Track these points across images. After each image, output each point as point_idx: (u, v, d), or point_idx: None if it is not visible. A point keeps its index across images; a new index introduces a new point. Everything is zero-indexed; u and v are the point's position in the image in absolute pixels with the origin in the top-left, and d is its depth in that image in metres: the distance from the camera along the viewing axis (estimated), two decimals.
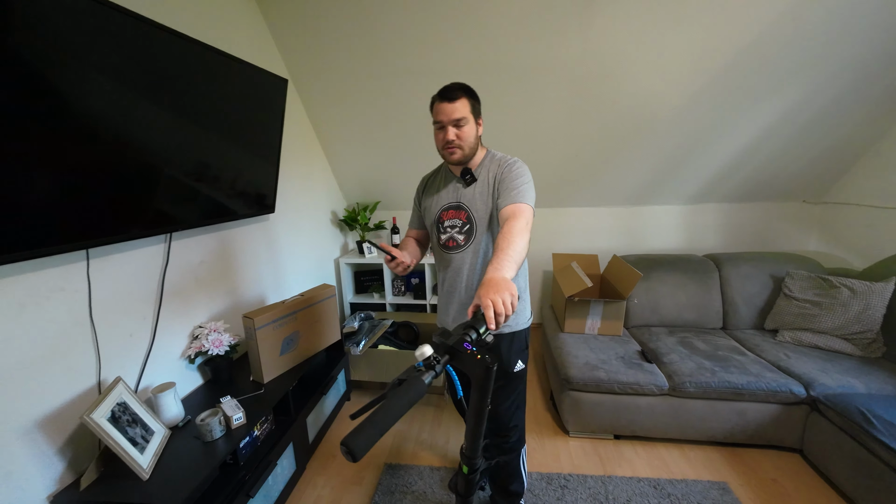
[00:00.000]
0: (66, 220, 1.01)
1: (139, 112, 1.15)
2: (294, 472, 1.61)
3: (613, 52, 1.88)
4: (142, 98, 1.14)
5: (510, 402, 1.30)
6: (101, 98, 1.03)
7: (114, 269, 1.23)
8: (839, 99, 2.03)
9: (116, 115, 1.08)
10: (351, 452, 0.48)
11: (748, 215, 2.74)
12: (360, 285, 3.08)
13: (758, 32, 1.74)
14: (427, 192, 1.35)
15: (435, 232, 1.30)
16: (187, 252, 1.53)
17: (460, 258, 1.24)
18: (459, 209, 1.24)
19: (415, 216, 1.43)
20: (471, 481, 0.77)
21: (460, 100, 1.14)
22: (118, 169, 1.12)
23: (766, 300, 2.18)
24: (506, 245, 0.98)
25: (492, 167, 1.21)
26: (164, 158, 1.26)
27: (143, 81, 1.14)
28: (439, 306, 1.39)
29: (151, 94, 1.17)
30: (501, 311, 0.74)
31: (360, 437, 0.49)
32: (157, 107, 1.20)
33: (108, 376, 1.21)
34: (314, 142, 2.51)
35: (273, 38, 1.97)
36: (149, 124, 1.19)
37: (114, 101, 1.07)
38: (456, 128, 1.15)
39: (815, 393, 1.62)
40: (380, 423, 0.52)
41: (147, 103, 1.16)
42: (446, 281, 1.30)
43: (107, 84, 1.04)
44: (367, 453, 0.50)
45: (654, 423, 1.78)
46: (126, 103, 1.10)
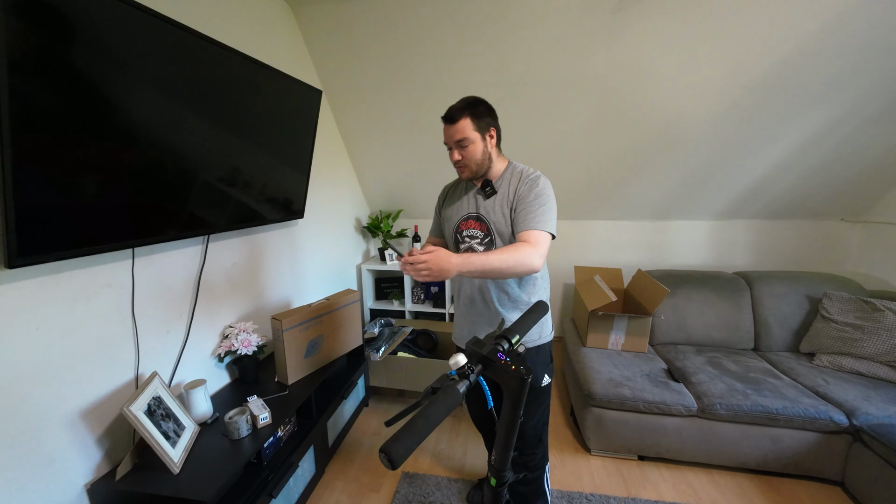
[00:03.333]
0: (114, 220, 1.07)
1: (180, 119, 1.19)
2: (314, 475, 1.62)
3: (641, 65, 1.87)
4: (183, 106, 1.19)
5: (537, 417, 1.28)
6: (146, 105, 1.08)
7: (156, 268, 1.29)
8: (882, 113, 1.95)
9: (159, 122, 1.13)
10: (391, 460, 0.49)
11: (781, 233, 2.64)
12: (381, 292, 3.11)
13: (794, 46, 1.70)
14: (448, 201, 1.37)
15: (453, 242, 1.31)
16: (222, 254, 1.59)
17: None
18: (479, 220, 1.24)
19: (435, 224, 1.46)
20: (498, 494, 0.77)
21: (462, 120, 1.15)
22: (161, 173, 1.17)
23: (802, 322, 2.09)
24: (494, 256, 1.02)
25: (513, 180, 1.21)
26: (203, 164, 1.32)
27: (185, 90, 1.19)
28: (456, 317, 1.39)
29: (193, 102, 1.22)
30: (416, 273, 0.96)
31: (399, 445, 0.50)
32: (198, 115, 1.25)
33: (145, 371, 1.26)
34: (342, 150, 2.58)
35: (308, 50, 2.06)
36: (190, 131, 1.24)
37: (157, 109, 1.11)
38: (460, 148, 1.17)
39: (858, 422, 1.53)
40: (418, 430, 0.52)
41: (188, 111, 1.21)
42: (463, 293, 1.31)
43: (151, 92, 1.09)
44: (405, 461, 0.50)
45: (682, 446, 1.71)
46: (169, 111, 1.15)
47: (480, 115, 1.16)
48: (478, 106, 1.17)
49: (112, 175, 1.04)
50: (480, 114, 1.16)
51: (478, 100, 1.19)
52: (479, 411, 1.52)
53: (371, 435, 2.03)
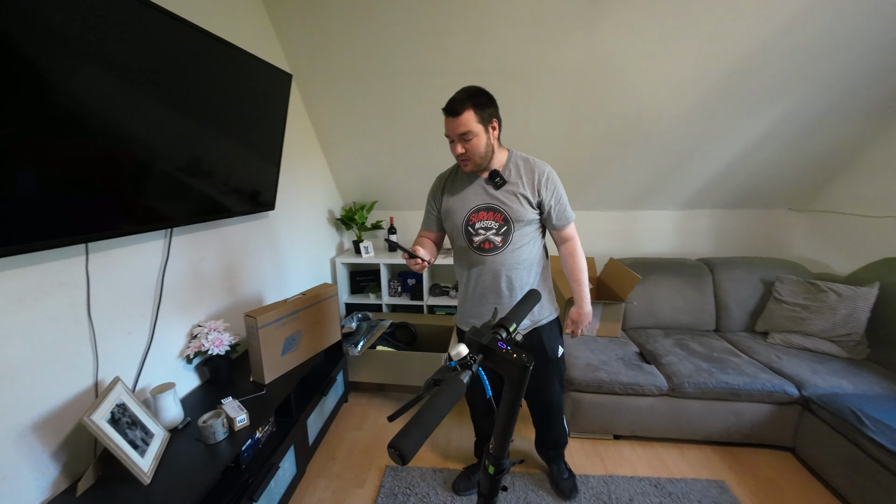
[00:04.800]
0: (61, 213, 0.96)
1: (131, 103, 1.08)
2: (295, 474, 1.57)
3: (616, 58, 1.91)
4: (135, 88, 1.07)
5: (558, 385, 1.47)
6: (90, 87, 0.96)
7: (113, 265, 1.18)
8: (828, 111, 2.11)
9: (106, 106, 1.01)
10: (401, 454, 0.47)
11: (738, 221, 2.82)
12: (356, 285, 3.04)
13: (756, 44, 1.80)
14: (448, 192, 1.34)
15: (463, 234, 1.30)
16: (187, 249, 1.48)
17: (499, 260, 1.26)
18: (493, 210, 1.25)
19: (430, 218, 1.40)
20: (496, 482, 0.77)
21: (465, 113, 1.14)
22: (111, 162, 1.06)
23: (757, 303, 2.25)
24: (583, 277, 1.38)
25: (522, 170, 1.25)
26: (159, 152, 1.20)
27: (135, 69, 1.06)
28: (466, 307, 1.39)
29: (146, 83, 1.10)
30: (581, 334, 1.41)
31: (408, 439, 0.48)
32: (152, 98, 1.13)
33: (106, 376, 1.16)
34: (313, 139, 2.48)
35: (275, 31, 1.94)
36: (143, 116, 1.12)
37: (103, 91, 1.00)
38: (463, 142, 1.16)
39: (807, 393, 1.68)
40: (426, 423, 0.51)
41: (140, 94, 1.09)
42: (479, 283, 1.31)
43: (95, 71, 0.97)
44: (414, 455, 0.48)
45: (654, 424, 1.81)
46: (118, 93, 1.03)
47: (483, 105, 1.15)
48: (479, 96, 1.15)
49: (54, 164, 0.93)
50: (482, 105, 1.15)
51: (479, 90, 1.17)
52: (477, 401, 1.54)
53: (352, 430, 2.00)
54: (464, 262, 1.35)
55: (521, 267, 1.29)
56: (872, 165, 2.31)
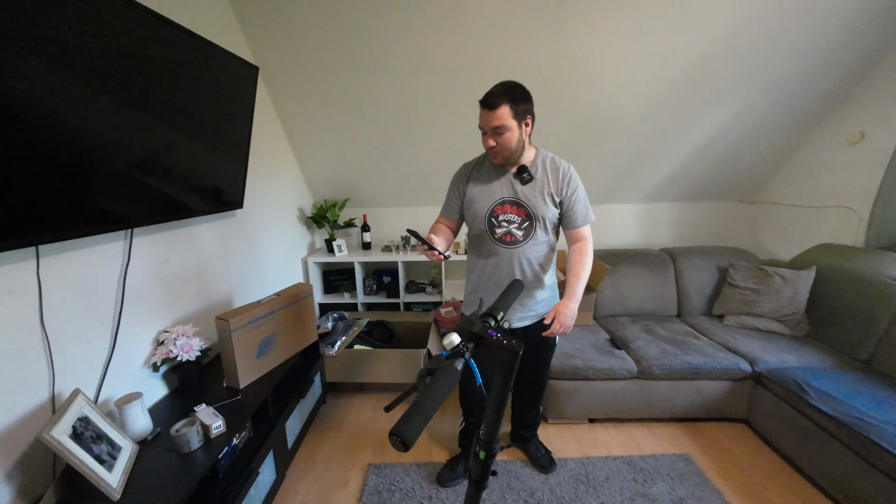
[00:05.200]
0: (5, 213, 0.87)
1: (78, 95, 0.98)
2: (274, 480, 1.53)
3: (583, 58, 1.98)
4: (81, 79, 0.98)
5: (548, 364, 1.60)
6: (29, 77, 0.87)
7: (68, 269, 1.10)
8: (768, 112, 2.30)
9: (49, 98, 0.92)
10: (403, 441, 0.48)
11: (695, 213, 3.02)
12: (330, 285, 2.98)
13: (708, 47, 1.93)
14: (474, 181, 1.36)
15: (486, 224, 1.33)
16: (150, 250, 1.39)
17: (517, 253, 1.31)
18: (517, 205, 1.29)
19: (452, 205, 1.43)
20: (487, 466, 0.79)
21: (501, 107, 1.15)
22: (57, 159, 0.97)
23: (714, 289, 2.43)
24: (583, 274, 1.30)
25: (549, 168, 1.29)
26: (111, 149, 1.11)
27: (82, 58, 0.97)
28: (477, 294, 1.42)
29: (95, 74, 1.01)
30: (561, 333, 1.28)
31: (409, 425, 0.49)
32: (102, 90, 1.04)
33: (64, 389, 1.07)
34: (280, 135, 2.39)
35: (238, 22, 1.85)
36: (92, 110, 1.03)
37: (45, 81, 0.90)
38: (496, 135, 1.19)
39: (759, 368, 1.83)
40: (425, 410, 0.52)
41: (88, 86, 1.00)
42: (495, 273, 1.36)
43: (34, 60, 0.87)
44: (416, 440, 0.49)
45: (625, 405, 1.91)
46: (62, 84, 0.94)
47: (519, 101, 1.17)
48: (517, 91, 1.17)
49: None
50: (519, 100, 1.17)
51: (517, 85, 1.19)
52: (467, 388, 1.56)
53: (332, 431, 1.97)
54: (480, 252, 1.39)
55: (536, 261, 1.34)
56: (808, 161, 2.54)
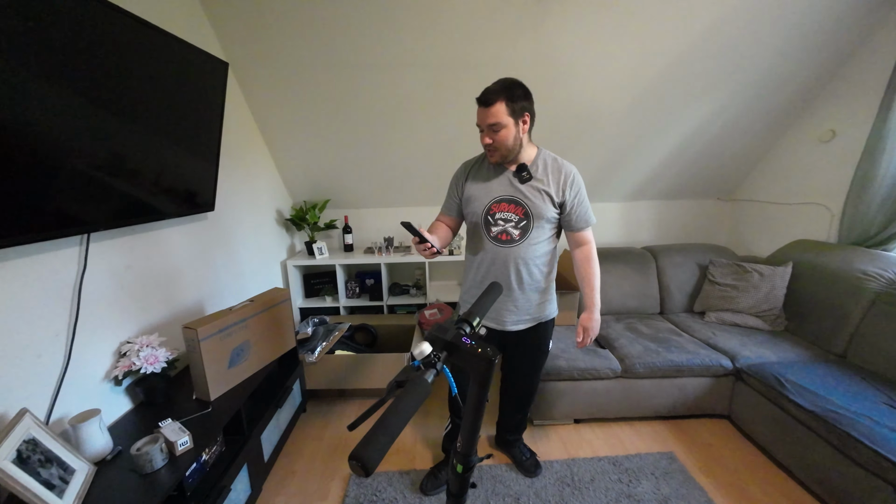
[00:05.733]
0: None
1: (32, 91, 0.93)
2: (249, 495, 1.46)
3: (562, 56, 1.97)
4: (36, 74, 0.93)
5: (539, 373, 1.57)
6: None
7: (13, 278, 1.01)
8: (744, 111, 2.34)
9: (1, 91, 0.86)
10: (364, 466, 0.43)
11: (674, 211, 3.06)
12: (311, 289, 2.90)
13: (684, 47, 1.94)
14: (473, 179, 1.34)
15: (482, 223, 1.31)
16: (110, 256, 1.31)
17: (514, 252, 1.29)
18: (515, 203, 1.26)
19: (451, 203, 1.41)
20: (465, 479, 0.75)
21: (497, 104, 1.14)
22: (9, 157, 0.90)
23: (694, 286, 2.45)
24: (597, 282, 1.35)
25: (550, 168, 1.27)
26: (70, 149, 1.05)
27: (37, 52, 0.92)
28: (472, 293, 1.39)
29: (52, 69, 0.96)
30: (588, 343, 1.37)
31: (370, 448, 0.45)
32: (60, 87, 0.99)
33: (9, 409, 0.99)
34: (255, 134, 2.31)
35: (207, 16, 1.77)
36: (49, 108, 0.97)
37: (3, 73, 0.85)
38: (492, 132, 1.18)
39: (739, 364, 1.85)
40: (389, 429, 0.47)
41: (43, 81, 0.95)
42: (490, 272, 1.33)
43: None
44: (378, 465, 0.45)
45: (609, 405, 1.91)
46: (11, 78, 0.88)
47: (516, 98, 1.15)
48: (515, 89, 1.16)
49: None
50: (517, 97, 1.15)
51: (515, 82, 1.18)
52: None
53: (312, 441, 1.90)
54: (477, 249, 1.37)
55: (533, 263, 1.31)
56: (781, 160, 2.60)
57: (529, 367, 1.53)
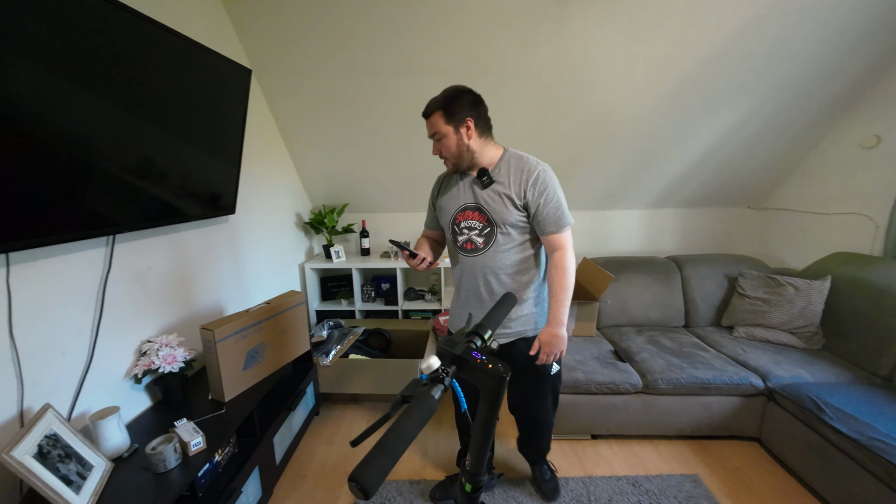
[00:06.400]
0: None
1: (68, 99, 0.98)
2: (260, 498, 1.46)
3: (582, 60, 1.92)
4: (73, 82, 0.98)
5: (551, 403, 1.40)
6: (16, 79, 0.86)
7: (42, 277, 1.05)
8: (778, 115, 2.22)
9: (37, 101, 0.91)
10: (363, 489, 0.41)
11: (701, 220, 2.93)
12: (327, 292, 2.93)
13: (712, 49, 1.86)
14: (442, 190, 1.33)
15: (451, 233, 1.29)
16: (133, 257, 1.35)
17: (480, 261, 1.24)
18: (478, 210, 1.22)
19: (430, 216, 1.42)
20: (474, 500, 0.72)
21: (433, 115, 1.17)
22: (43, 162, 0.95)
23: (722, 298, 2.33)
24: (562, 294, 1.17)
25: (513, 169, 1.20)
26: (103, 152, 1.10)
27: (73, 61, 0.97)
28: (452, 309, 1.38)
29: (86, 78, 1.01)
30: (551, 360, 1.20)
31: (370, 470, 0.43)
32: (94, 93, 1.04)
33: (34, 404, 1.02)
34: (277, 139, 2.36)
35: (233, 24, 1.82)
36: (83, 114, 1.02)
37: (33, 84, 0.89)
38: (436, 141, 1.20)
39: (771, 384, 1.74)
40: (391, 450, 0.45)
41: (79, 88, 1.00)
42: (463, 284, 1.30)
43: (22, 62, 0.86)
44: (379, 487, 0.43)
45: (629, 421, 1.82)
46: (51, 87, 0.93)
47: (454, 109, 1.15)
48: (453, 100, 1.15)
49: None
50: (454, 109, 1.15)
51: (457, 91, 1.17)
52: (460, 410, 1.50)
53: (324, 445, 1.90)
54: (454, 262, 1.35)
55: (503, 272, 1.23)
56: (820, 166, 2.45)
57: (530, 388, 1.37)
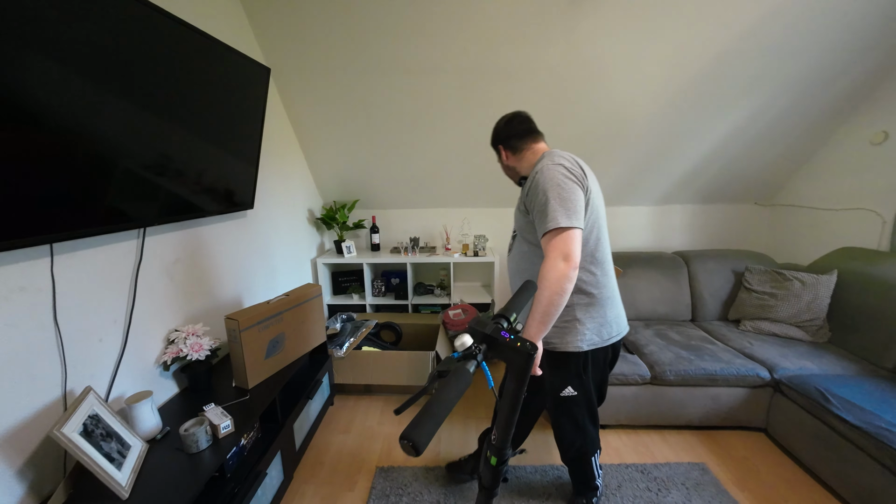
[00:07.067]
0: (23, 210, 0.89)
1: (90, 98, 1.00)
2: (282, 481, 1.52)
3: (594, 59, 1.95)
4: (95, 82, 0.99)
5: (563, 422, 1.34)
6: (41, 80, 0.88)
7: (81, 267, 1.11)
8: (787, 112, 2.24)
9: (59, 102, 0.93)
10: (414, 445, 0.46)
11: (709, 216, 2.95)
12: (338, 286, 2.98)
13: (722, 46, 1.89)
14: None
15: None
16: (162, 250, 1.40)
17: (508, 264, 1.40)
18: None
19: None
20: (498, 473, 0.77)
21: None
22: (70, 160, 0.98)
23: (729, 293, 2.36)
24: (536, 307, 0.96)
25: (530, 174, 1.20)
26: (124, 150, 1.12)
27: (94, 61, 0.98)
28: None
29: (108, 78, 1.02)
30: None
31: (420, 430, 0.47)
32: (115, 93, 1.05)
33: (76, 386, 1.08)
34: (291, 136, 2.41)
35: (251, 24, 1.87)
36: (105, 113, 1.04)
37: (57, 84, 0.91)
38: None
39: (777, 376, 1.77)
40: (437, 413, 0.50)
41: (101, 89, 1.01)
42: None
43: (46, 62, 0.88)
44: (427, 445, 0.47)
45: (638, 412, 1.86)
46: (73, 88, 0.94)
47: (493, 140, 1.36)
48: (493, 132, 1.35)
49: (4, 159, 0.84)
50: (493, 139, 1.36)
51: (495, 126, 1.35)
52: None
53: (340, 434, 1.95)
54: None
55: (520, 277, 1.29)
56: (827, 163, 2.47)
57: (550, 403, 1.33)
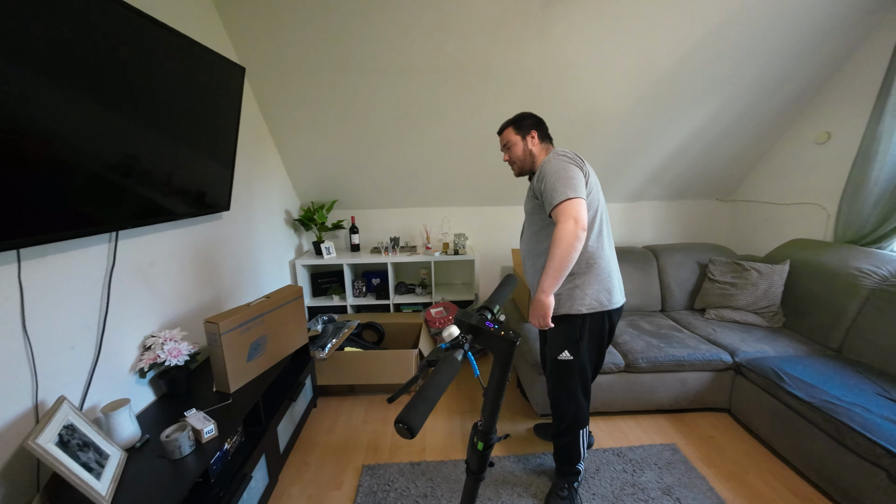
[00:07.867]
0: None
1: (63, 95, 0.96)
2: (267, 484, 1.51)
3: (567, 61, 2.04)
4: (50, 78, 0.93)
5: (558, 387, 1.47)
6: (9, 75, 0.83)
7: (51, 273, 1.07)
8: (742, 114, 2.41)
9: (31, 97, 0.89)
10: (410, 427, 0.49)
11: (675, 211, 3.12)
12: (318, 288, 2.95)
13: (685, 50, 2.01)
14: None
15: None
16: (136, 253, 1.37)
17: (521, 245, 1.56)
18: None
19: None
20: (485, 457, 0.81)
21: (507, 129, 1.47)
22: (44, 159, 0.95)
23: (695, 284, 2.51)
24: (550, 263, 1.22)
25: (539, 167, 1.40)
26: (102, 150, 1.10)
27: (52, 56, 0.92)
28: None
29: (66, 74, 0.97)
30: (540, 326, 1.32)
31: (414, 412, 0.50)
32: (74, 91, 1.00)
33: (48, 397, 1.04)
34: (266, 136, 2.37)
35: (223, 21, 1.83)
36: (77, 109, 1.01)
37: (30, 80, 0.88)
38: (507, 150, 1.49)
39: (738, 359, 1.91)
40: (429, 397, 0.53)
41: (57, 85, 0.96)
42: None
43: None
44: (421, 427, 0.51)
45: (613, 398, 1.96)
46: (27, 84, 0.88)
47: (522, 125, 1.44)
48: (522, 118, 1.45)
49: None
50: (522, 124, 1.44)
51: (524, 114, 1.46)
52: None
53: (324, 434, 1.95)
54: None
55: (530, 256, 1.47)
56: (779, 161, 2.67)
57: (548, 368, 1.51)
